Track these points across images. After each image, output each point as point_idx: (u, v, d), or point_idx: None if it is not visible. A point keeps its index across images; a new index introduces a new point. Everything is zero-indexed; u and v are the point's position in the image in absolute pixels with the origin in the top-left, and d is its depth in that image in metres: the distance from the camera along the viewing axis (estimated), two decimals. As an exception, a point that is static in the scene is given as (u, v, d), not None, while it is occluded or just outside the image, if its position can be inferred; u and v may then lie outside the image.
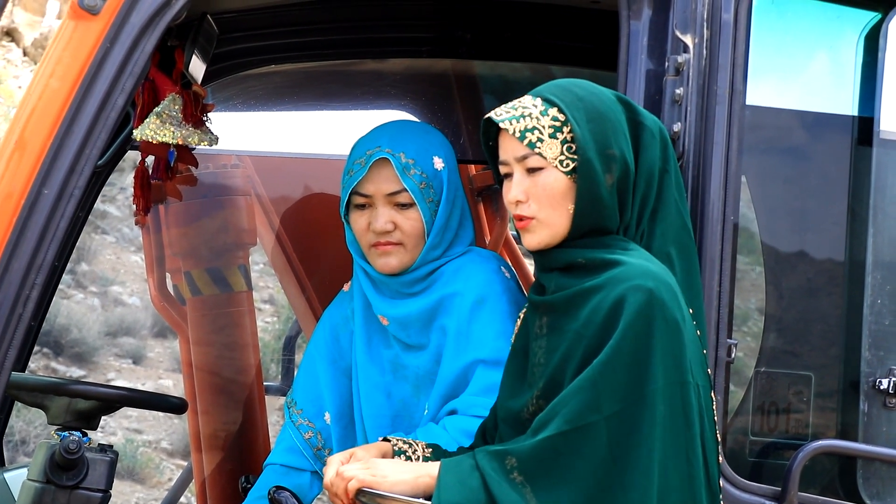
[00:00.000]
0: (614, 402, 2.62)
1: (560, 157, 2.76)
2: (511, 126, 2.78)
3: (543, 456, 2.64)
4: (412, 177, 3.20)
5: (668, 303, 2.66)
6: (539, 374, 2.77)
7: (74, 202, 2.96)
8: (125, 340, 11.29)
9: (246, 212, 4.66)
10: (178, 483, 5.30)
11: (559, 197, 2.77)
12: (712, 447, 2.74)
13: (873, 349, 3.16)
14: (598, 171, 2.74)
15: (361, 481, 2.74)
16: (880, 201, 3.18)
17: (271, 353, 9.92)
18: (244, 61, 4.09)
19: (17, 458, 8.94)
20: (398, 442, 2.94)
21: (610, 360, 2.63)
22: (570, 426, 2.62)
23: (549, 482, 2.63)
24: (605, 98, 2.80)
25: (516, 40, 4.13)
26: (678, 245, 2.82)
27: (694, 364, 2.70)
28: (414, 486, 2.73)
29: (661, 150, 2.81)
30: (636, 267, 2.69)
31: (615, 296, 2.66)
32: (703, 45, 3.02)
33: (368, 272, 3.26)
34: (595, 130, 2.75)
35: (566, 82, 2.82)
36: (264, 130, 4.70)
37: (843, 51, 3.23)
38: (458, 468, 2.70)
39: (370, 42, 4.17)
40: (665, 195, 2.81)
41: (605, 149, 2.75)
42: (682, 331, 2.67)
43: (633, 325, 2.63)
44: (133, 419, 10.31)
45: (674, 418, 2.65)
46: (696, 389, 2.69)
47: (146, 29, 2.97)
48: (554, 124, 2.77)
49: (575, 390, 2.64)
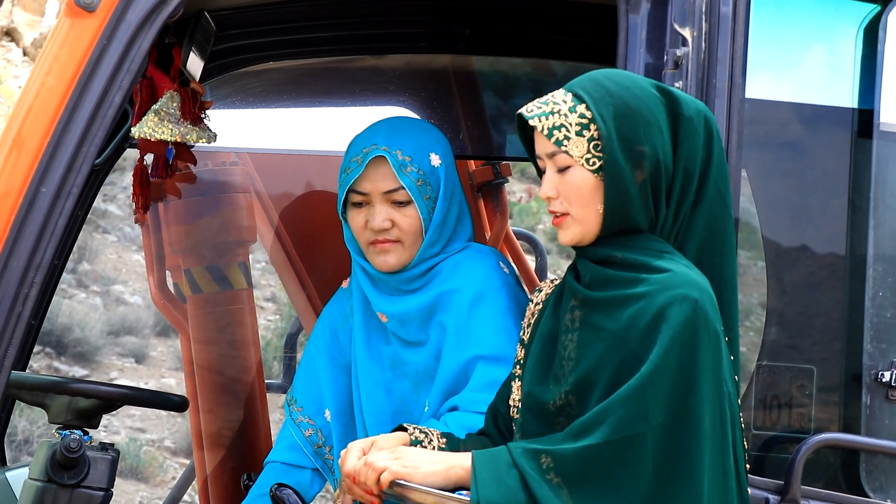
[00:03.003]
0: (661, 413, 2.58)
1: (587, 156, 2.72)
2: (540, 123, 2.74)
3: (587, 462, 2.59)
4: (409, 174, 3.19)
5: (710, 314, 2.63)
6: (570, 369, 2.72)
7: (73, 200, 2.95)
8: (127, 339, 11.29)
9: (245, 209, 4.65)
10: (181, 481, 5.30)
11: (588, 195, 2.73)
12: (741, 454, 2.72)
13: (875, 342, 3.16)
14: (625, 170, 2.70)
15: (395, 473, 2.66)
16: (881, 194, 3.17)
17: (273, 351, 9.92)
18: (242, 58, 4.09)
19: (20, 457, 8.94)
20: (415, 430, 2.87)
21: (658, 370, 2.59)
22: (617, 435, 2.58)
23: (590, 489, 2.59)
24: (639, 91, 2.73)
25: (515, 35, 4.12)
26: (716, 243, 2.76)
27: (727, 372, 2.67)
28: (446, 477, 2.66)
29: (704, 142, 2.75)
30: (681, 276, 2.65)
31: (659, 304, 2.62)
32: (702, 39, 3.01)
33: (367, 269, 3.26)
34: (623, 127, 2.70)
35: (599, 74, 2.77)
36: (263, 127, 4.69)
37: (843, 43, 3.22)
38: (493, 463, 2.63)
39: (368, 38, 4.17)
40: (707, 190, 2.75)
41: (633, 146, 2.70)
42: (721, 342, 2.64)
43: (680, 335, 2.60)
44: (136, 418, 10.31)
45: (716, 429, 2.62)
46: (730, 397, 2.67)
47: (143, 26, 2.97)
48: (581, 121, 2.72)
49: (623, 398, 2.59)
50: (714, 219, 2.76)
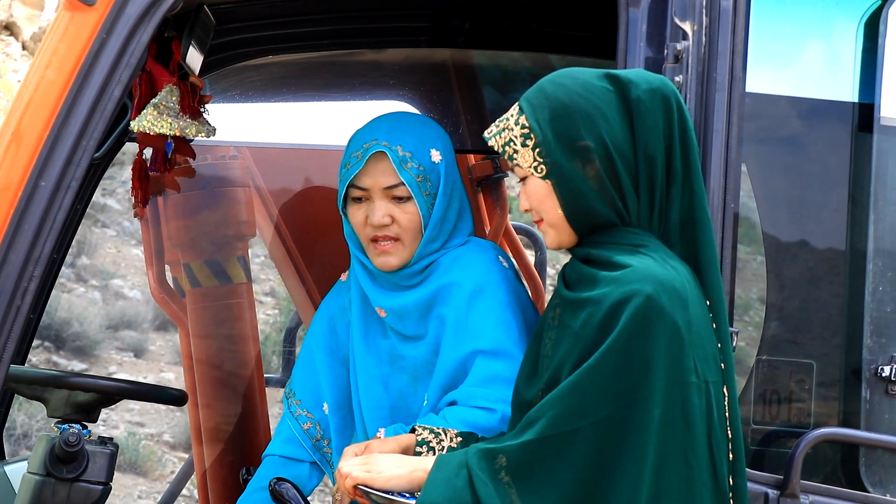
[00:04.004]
0: (602, 408, 2.60)
1: (534, 164, 2.75)
2: (495, 142, 2.79)
3: (529, 458, 2.63)
4: (409, 170, 3.19)
5: (666, 307, 2.62)
6: (545, 366, 2.76)
7: (72, 194, 2.95)
8: (126, 334, 11.29)
9: (244, 203, 4.65)
10: (180, 475, 5.30)
11: (546, 201, 2.76)
12: (721, 445, 2.70)
13: (875, 336, 3.16)
14: (570, 169, 2.71)
15: (355, 479, 2.79)
16: (881, 188, 3.17)
17: (272, 345, 9.92)
18: (241, 52, 4.08)
19: (19, 451, 8.94)
20: (423, 431, 2.96)
21: (599, 365, 2.61)
22: (553, 430, 2.62)
23: (533, 485, 2.62)
24: (577, 87, 2.73)
25: (515, 29, 4.12)
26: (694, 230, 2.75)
27: (702, 361, 2.66)
28: (409, 480, 2.76)
29: (664, 118, 2.73)
30: (638, 271, 2.65)
31: (612, 300, 2.63)
32: (703, 33, 3.00)
33: (366, 265, 3.25)
34: (560, 127, 2.71)
35: (545, 80, 2.78)
36: (262, 121, 4.69)
37: (843, 37, 3.22)
38: (447, 466, 2.70)
39: (368, 32, 4.16)
40: (675, 170, 2.74)
41: (574, 143, 2.71)
42: (682, 334, 2.63)
43: (627, 329, 2.60)
44: (135, 412, 10.31)
45: (672, 421, 2.62)
46: (702, 388, 2.65)
47: (142, 20, 2.96)
48: (523, 132, 2.76)
49: (562, 394, 2.63)
50: (690, 196, 2.75)
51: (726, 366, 2.72)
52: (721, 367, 2.72)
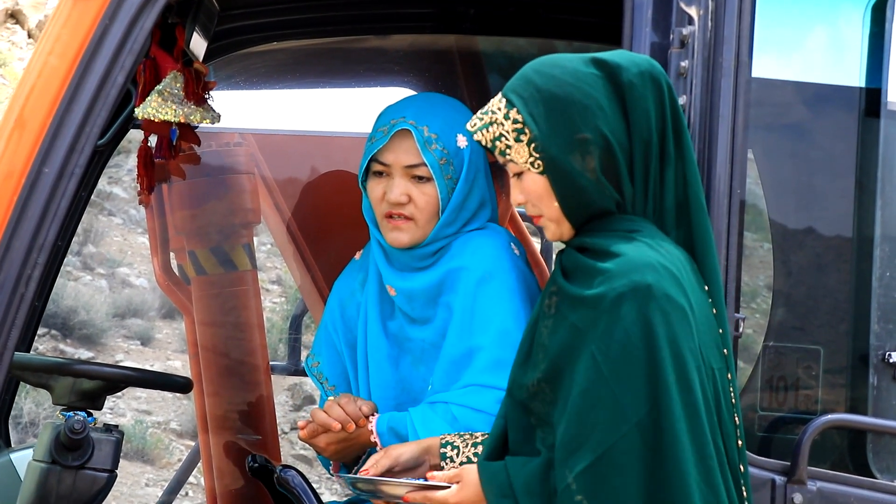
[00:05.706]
0: (641, 405, 2.56)
1: (530, 160, 2.71)
2: (483, 137, 2.74)
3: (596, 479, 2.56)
4: (433, 151, 3.17)
5: (671, 293, 2.59)
6: (542, 356, 2.71)
7: (76, 181, 2.94)
8: (133, 322, 11.30)
9: (249, 190, 4.64)
10: (187, 463, 5.30)
11: (545, 196, 2.72)
12: (730, 430, 2.68)
13: (882, 322, 3.15)
14: (569, 164, 2.67)
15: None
16: (888, 174, 3.16)
17: (278, 333, 9.92)
18: (246, 38, 4.07)
19: (25, 439, 8.95)
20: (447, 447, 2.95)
21: (623, 363, 2.57)
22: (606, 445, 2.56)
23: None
24: (568, 77, 2.69)
25: (520, 15, 4.10)
26: (689, 214, 2.73)
27: (706, 348, 2.64)
28: None
29: (655, 101, 2.70)
30: (633, 260, 2.62)
31: (614, 294, 2.59)
32: (708, 17, 2.99)
33: (381, 242, 3.24)
34: (557, 122, 2.67)
35: (529, 69, 2.73)
36: (267, 108, 4.68)
37: (850, 22, 3.20)
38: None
39: (373, 18, 4.15)
40: (669, 152, 2.71)
41: (573, 136, 2.67)
42: (689, 316, 2.60)
43: (638, 322, 2.57)
44: (142, 400, 10.32)
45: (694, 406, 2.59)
46: (709, 374, 2.63)
47: (145, 6, 2.95)
48: (516, 127, 2.71)
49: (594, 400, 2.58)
50: (683, 178, 2.72)
51: (728, 352, 2.71)
52: (724, 353, 2.71)
